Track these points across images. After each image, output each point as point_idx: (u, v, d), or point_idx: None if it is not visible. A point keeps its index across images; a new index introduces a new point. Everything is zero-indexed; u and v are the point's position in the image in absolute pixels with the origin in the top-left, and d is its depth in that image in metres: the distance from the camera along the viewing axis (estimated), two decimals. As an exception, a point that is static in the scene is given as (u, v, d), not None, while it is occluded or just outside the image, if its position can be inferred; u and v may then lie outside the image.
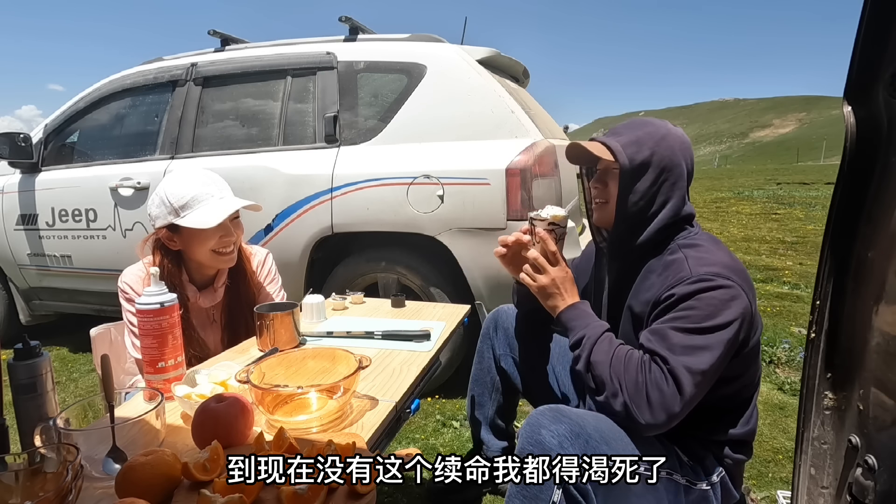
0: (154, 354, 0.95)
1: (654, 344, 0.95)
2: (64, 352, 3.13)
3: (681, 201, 1.06)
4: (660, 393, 0.90)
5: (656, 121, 1.10)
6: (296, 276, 2.36)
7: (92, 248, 2.71)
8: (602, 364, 0.97)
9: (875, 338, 0.79)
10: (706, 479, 1.03)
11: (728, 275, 0.95)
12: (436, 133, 2.24)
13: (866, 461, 0.79)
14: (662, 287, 1.00)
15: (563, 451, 0.87)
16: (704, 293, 0.94)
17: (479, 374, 1.47)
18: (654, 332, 0.97)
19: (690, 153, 1.08)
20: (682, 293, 0.95)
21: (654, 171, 1.04)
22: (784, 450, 1.89)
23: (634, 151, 1.04)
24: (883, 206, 0.78)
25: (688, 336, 0.93)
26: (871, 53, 0.75)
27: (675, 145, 1.05)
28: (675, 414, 0.91)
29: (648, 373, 0.93)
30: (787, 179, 18.08)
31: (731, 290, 0.94)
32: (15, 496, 0.59)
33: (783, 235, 6.78)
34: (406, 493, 1.60)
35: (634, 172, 1.04)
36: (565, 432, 0.90)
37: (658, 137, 1.05)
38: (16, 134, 2.74)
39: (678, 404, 0.90)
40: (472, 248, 2.12)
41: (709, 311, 0.93)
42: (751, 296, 0.97)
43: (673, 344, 0.93)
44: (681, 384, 0.90)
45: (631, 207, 1.05)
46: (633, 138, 1.05)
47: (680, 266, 0.99)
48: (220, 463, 0.68)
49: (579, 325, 1.04)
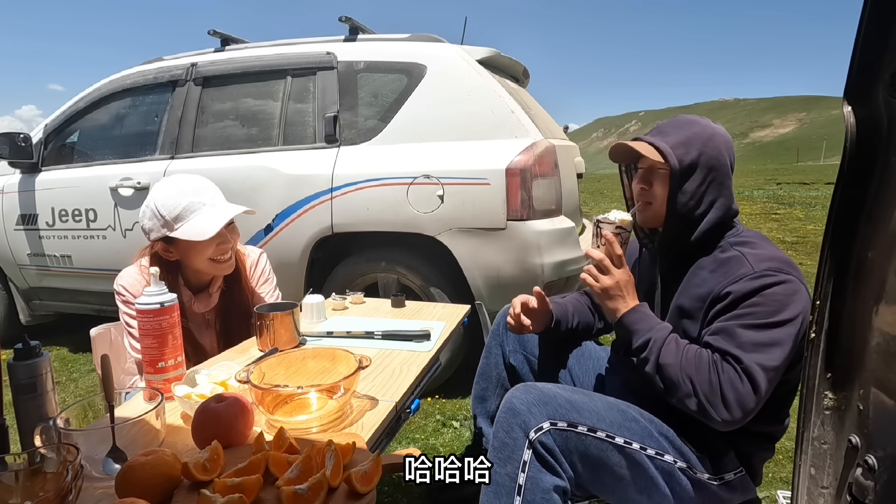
0: (154, 354, 0.95)
1: (723, 343, 0.95)
2: (64, 352, 3.13)
3: (729, 199, 1.07)
4: (735, 392, 0.91)
5: (702, 120, 1.10)
6: (296, 277, 2.36)
7: (92, 248, 2.71)
8: (672, 366, 0.97)
9: (875, 338, 0.79)
10: (716, 473, 1.02)
11: (788, 269, 0.96)
12: (436, 133, 2.24)
13: (866, 461, 0.79)
14: (722, 283, 1.00)
15: (530, 414, 0.93)
16: (768, 289, 0.95)
17: (485, 369, 1.47)
18: (721, 330, 0.97)
19: (733, 151, 1.09)
20: (745, 289, 0.96)
21: (702, 172, 1.04)
22: (784, 450, 1.89)
23: (683, 153, 1.04)
24: (883, 206, 0.78)
25: (757, 332, 0.93)
26: (871, 53, 0.75)
27: (721, 145, 1.05)
28: (751, 410, 0.92)
29: (722, 372, 0.93)
30: (787, 179, 18.08)
31: (792, 285, 0.95)
32: (15, 496, 0.59)
33: (783, 235, 6.78)
34: (406, 492, 1.60)
35: (684, 173, 1.04)
36: (533, 399, 0.95)
37: (706, 137, 1.05)
38: (16, 134, 2.74)
39: (753, 401, 0.91)
40: (472, 248, 2.12)
41: (775, 307, 0.94)
42: (807, 289, 0.97)
43: (743, 342, 0.93)
44: (756, 382, 0.91)
45: (681, 208, 1.05)
46: (682, 139, 1.05)
47: (739, 263, 1.00)
48: (220, 463, 0.68)
49: (643, 328, 1.03)
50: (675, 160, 1.04)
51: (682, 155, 1.04)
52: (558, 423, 0.93)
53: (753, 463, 1.07)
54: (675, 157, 1.04)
